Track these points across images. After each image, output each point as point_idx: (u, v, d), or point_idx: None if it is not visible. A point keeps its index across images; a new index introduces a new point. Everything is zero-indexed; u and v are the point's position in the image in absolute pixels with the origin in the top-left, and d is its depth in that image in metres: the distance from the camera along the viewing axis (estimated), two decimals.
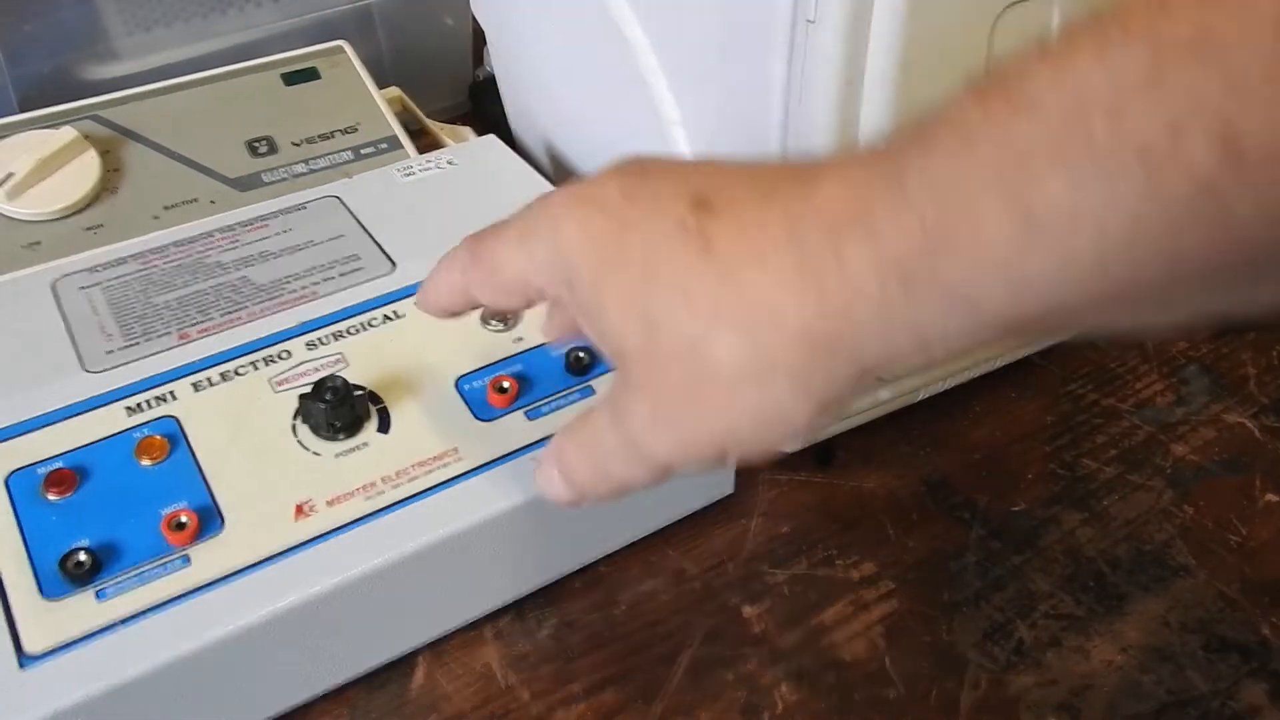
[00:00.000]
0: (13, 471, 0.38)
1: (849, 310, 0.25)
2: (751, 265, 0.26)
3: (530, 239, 0.30)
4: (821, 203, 0.26)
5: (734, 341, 0.26)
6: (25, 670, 0.33)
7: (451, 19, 0.66)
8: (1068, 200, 0.22)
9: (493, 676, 0.40)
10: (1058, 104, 0.22)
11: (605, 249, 0.28)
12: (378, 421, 0.40)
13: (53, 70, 0.56)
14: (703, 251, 0.27)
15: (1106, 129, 0.21)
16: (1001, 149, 0.22)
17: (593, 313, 0.29)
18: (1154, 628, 0.42)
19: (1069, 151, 0.21)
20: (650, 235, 0.27)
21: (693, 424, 0.28)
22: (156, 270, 0.46)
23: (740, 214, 0.27)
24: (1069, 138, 0.21)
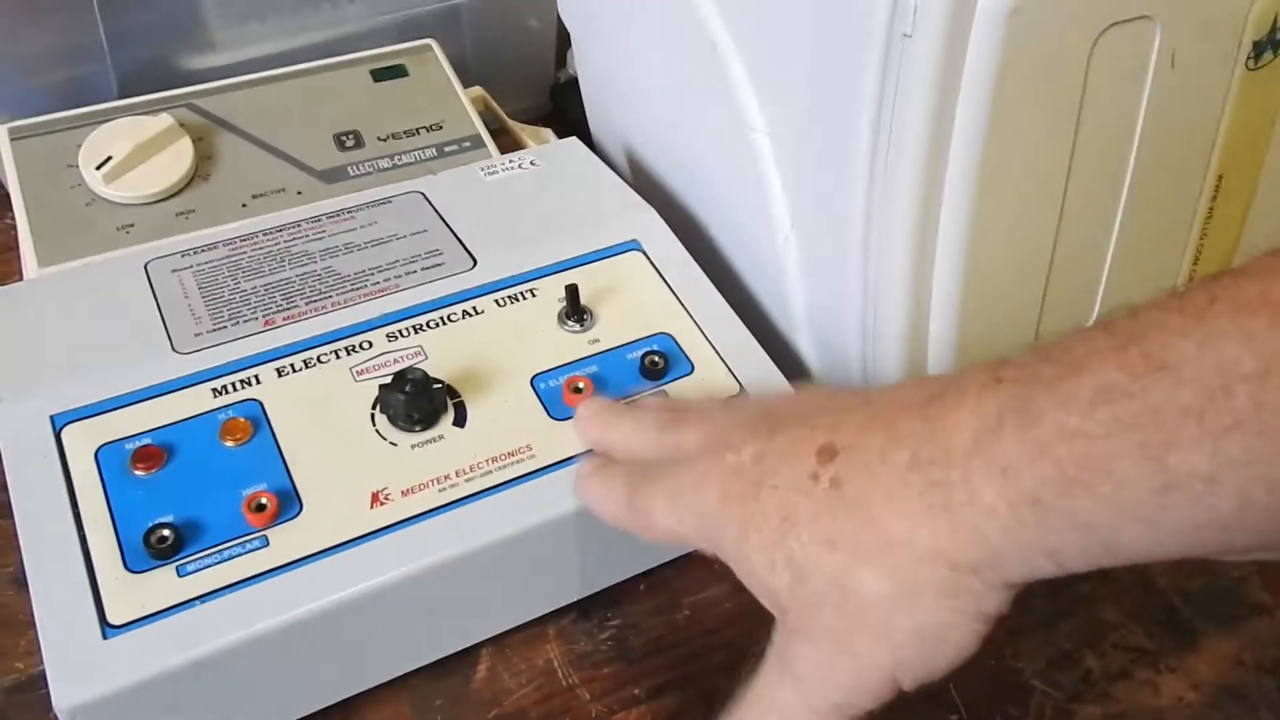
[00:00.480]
0: (102, 445, 0.39)
1: (980, 532, 0.26)
2: (881, 502, 0.27)
3: (679, 502, 0.32)
4: (947, 440, 0.27)
5: (875, 572, 0.27)
6: (109, 640, 0.34)
7: (536, 20, 0.67)
8: (1206, 465, 0.22)
9: (554, 674, 0.40)
10: (1200, 371, 0.23)
11: (745, 510, 0.30)
12: (454, 415, 0.41)
13: (152, 59, 0.58)
14: (833, 496, 0.28)
15: (1251, 404, 0.22)
16: (1140, 407, 0.23)
17: (741, 568, 0.31)
18: (1227, 666, 0.41)
19: (1210, 419, 0.22)
20: (784, 489, 0.29)
21: (855, 659, 0.28)
22: (245, 257, 0.47)
23: (865, 456, 0.28)
24: (1211, 406, 0.22)
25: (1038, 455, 0.25)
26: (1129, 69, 0.36)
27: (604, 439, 0.38)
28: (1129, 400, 0.24)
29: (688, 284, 0.46)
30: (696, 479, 0.31)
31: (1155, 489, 0.23)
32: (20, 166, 0.52)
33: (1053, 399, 0.25)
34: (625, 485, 0.34)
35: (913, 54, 0.34)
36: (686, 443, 0.34)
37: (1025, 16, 0.33)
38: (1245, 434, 0.22)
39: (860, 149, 0.37)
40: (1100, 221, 0.40)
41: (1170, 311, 0.24)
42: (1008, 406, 0.26)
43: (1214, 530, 0.23)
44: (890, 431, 0.28)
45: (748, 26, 0.43)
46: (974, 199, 0.36)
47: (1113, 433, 0.24)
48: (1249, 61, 0.38)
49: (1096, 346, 0.25)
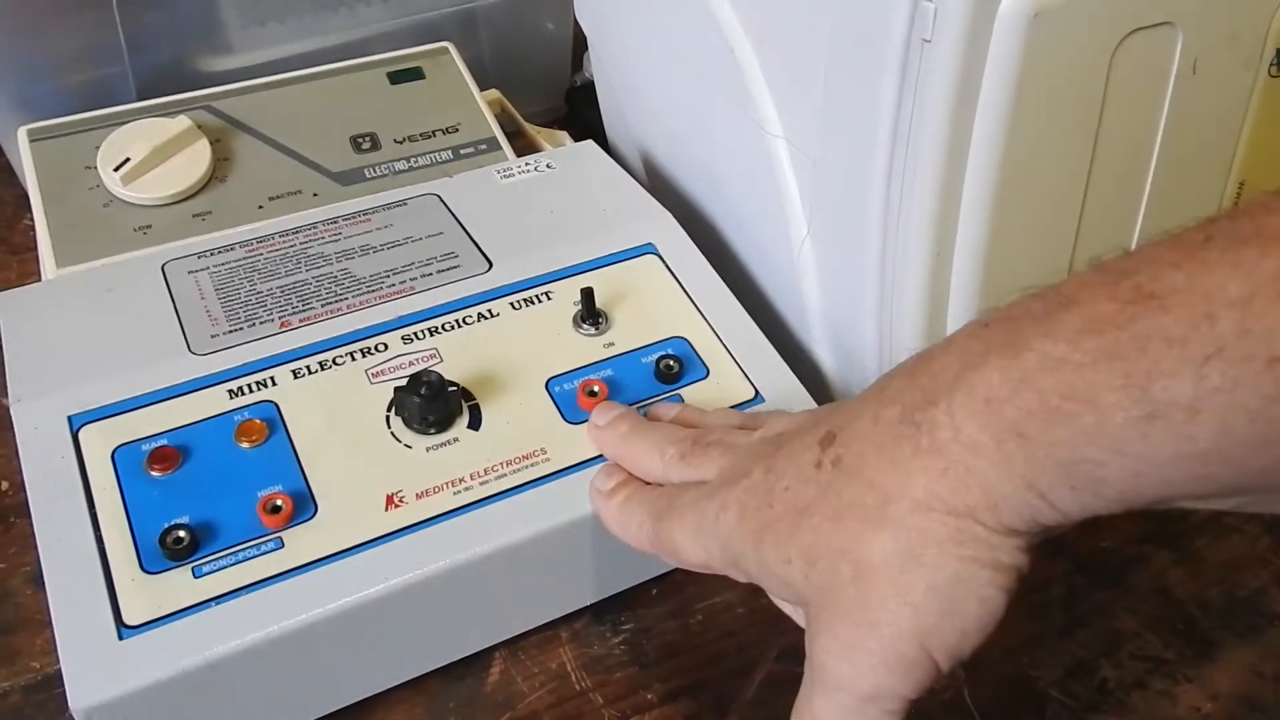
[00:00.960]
0: (119, 446, 0.39)
1: (971, 470, 0.25)
2: (873, 462, 0.27)
3: (704, 533, 0.32)
4: (932, 382, 0.27)
5: (879, 533, 0.27)
6: (124, 641, 0.34)
7: (553, 24, 0.67)
8: (1188, 393, 0.22)
9: (567, 678, 0.40)
10: (1187, 299, 0.22)
11: (760, 519, 0.30)
12: (469, 418, 0.41)
13: (170, 61, 0.58)
14: (836, 474, 0.28)
15: (1234, 330, 0.22)
16: (1125, 336, 0.23)
17: (763, 576, 0.30)
18: (1245, 677, 0.41)
19: (1193, 346, 0.22)
20: (794, 488, 0.29)
21: (880, 632, 0.27)
22: (261, 258, 0.47)
23: (860, 425, 0.28)
24: (1194, 333, 0.22)
25: (1020, 384, 0.24)
26: (1150, 75, 0.36)
27: (620, 455, 0.38)
28: (1116, 330, 0.23)
29: (703, 288, 0.46)
30: (716, 509, 0.31)
31: (1137, 418, 0.23)
32: (39, 168, 0.52)
33: (1039, 330, 0.25)
34: (651, 515, 0.34)
35: (932, 59, 0.34)
36: (708, 474, 0.34)
37: (1046, 22, 0.32)
38: (1227, 360, 0.22)
39: (878, 154, 0.37)
40: (1120, 227, 0.39)
41: (1164, 247, 0.24)
42: (994, 340, 0.26)
43: (1195, 463, 0.23)
44: (880, 395, 0.28)
45: (766, 31, 0.43)
46: (993, 205, 0.36)
47: (1098, 361, 0.23)
48: (1271, 69, 0.38)
49: (1087, 281, 0.25)
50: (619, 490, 0.36)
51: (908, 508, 0.26)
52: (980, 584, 0.26)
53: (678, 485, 0.35)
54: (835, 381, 0.46)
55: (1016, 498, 0.25)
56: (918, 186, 0.36)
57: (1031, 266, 0.39)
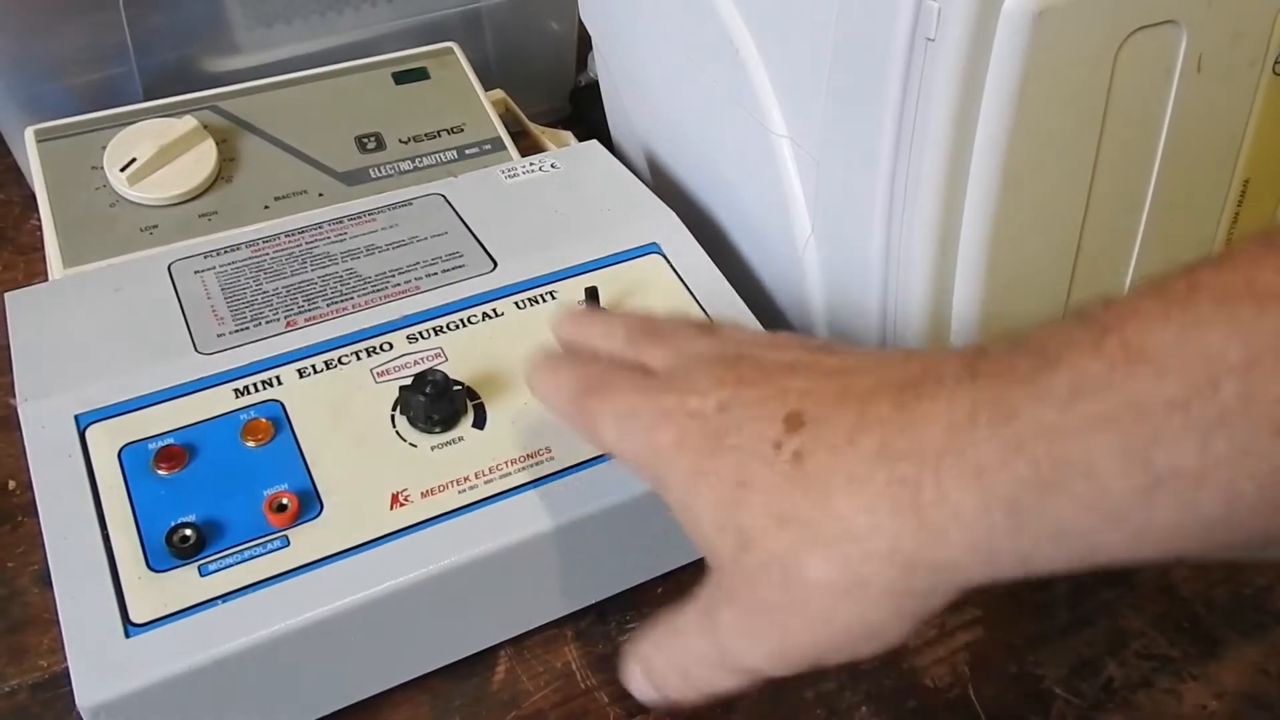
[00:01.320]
0: (125, 445, 0.39)
1: (945, 534, 0.25)
2: (842, 487, 0.26)
3: (630, 426, 0.31)
4: (919, 430, 0.25)
5: (825, 562, 0.26)
6: (131, 639, 0.34)
7: (557, 24, 0.67)
8: (1193, 462, 0.21)
9: (573, 676, 0.40)
10: (1184, 363, 0.21)
11: (699, 461, 0.29)
12: (474, 417, 0.41)
13: (176, 61, 0.58)
14: (794, 470, 0.27)
15: (1238, 395, 0.21)
16: (1120, 401, 0.22)
17: (684, 515, 0.29)
18: (1251, 675, 0.41)
19: (1196, 413, 0.21)
20: (743, 451, 0.28)
21: (785, 637, 0.27)
22: (267, 258, 0.47)
23: (833, 435, 0.27)
24: (1197, 399, 0.21)
25: (1013, 454, 0.23)
26: (1154, 74, 0.36)
27: (571, 337, 0.36)
28: (1108, 393, 0.22)
29: (708, 287, 0.46)
30: (653, 413, 0.30)
31: (1139, 488, 0.22)
32: (46, 168, 0.52)
33: (1028, 393, 0.24)
34: (578, 382, 0.33)
35: (936, 58, 0.34)
36: (653, 360, 0.32)
37: (1050, 21, 0.32)
38: (1234, 428, 0.21)
39: (882, 153, 0.37)
40: (1125, 226, 0.39)
41: (1148, 298, 0.23)
42: (982, 400, 0.25)
43: (1199, 530, 0.22)
44: (862, 412, 0.27)
45: (770, 30, 0.43)
46: (997, 204, 0.36)
47: (1092, 429, 0.22)
48: (1276, 67, 0.38)
49: (1072, 337, 0.24)
50: (553, 359, 0.35)
51: (866, 551, 0.26)
52: (895, 632, 0.27)
53: (615, 364, 0.33)
54: None
55: (986, 563, 0.25)
56: (922, 185, 0.36)
57: (1036, 266, 0.39)
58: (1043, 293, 0.40)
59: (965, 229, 0.37)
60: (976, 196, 0.36)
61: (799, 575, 0.27)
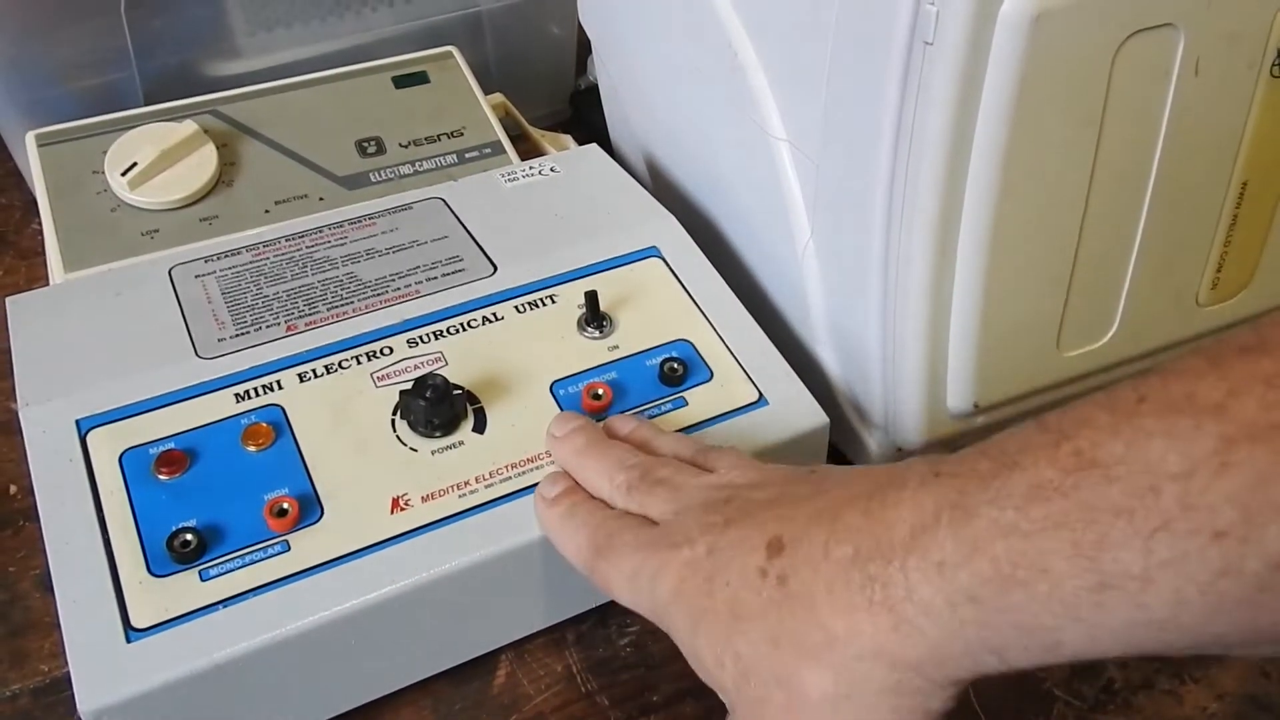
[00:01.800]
0: (126, 450, 0.39)
1: (920, 629, 0.26)
2: (824, 598, 0.28)
3: (636, 584, 0.32)
4: (887, 534, 0.27)
5: (818, 671, 0.27)
6: (132, 644, 0.34)
7: (557, 28, 0.67)
8: (1139, 565, 0.23)
9: (573, 680, 0.40)
10: (1128, 470, 0.23)
11: (696, 602, 0.30)
12: (474, 421, 0.41)
13: (177, 65, 0.58)
14: (780, 593, 0.29)
15: (1178, 504, 0.22)
16: (1072, 505, 0.24)
17: (692, 659, 0.31)
18: (1252, 676, 0.41)
19: (1140, 518, 0.22)
20: (733, 583, 0.30)
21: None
22: (267, 262, 0.47)
23: (810, 551, 0.29)
24: (1140, 505, 0.22)
25: (973, 552, 0.25)
26: (1152, 77, 0.36)
27: (572, 469, 0.38)
28: (1061, 498, 0.24)
29: (707, 291, 0.47)
30: (654, 568, 0.32)
31: (1090, 587, 0.23)
32: (47, 172, 0.52)
33: (987, 494, 0.25)
34: (590, 545, 0.34)
35: (934, 62, 0.34)
36: (653, 511, 0.34)
37: (1048, 24, 0.33)
38: (1174, 534, 0.22)
39: (881, 157, 0.37)
40: (1122, 229, 0.40)
41: (1100, 409, 0.24)
42: (944, 502, 0.26)
43: (1151, 629, 0.23)
44: (834, 525, 0.29)
45: (769, 34, 0.43)
46: (995, 207, 0.36)
47: (1046, 529, 0.24)
48: (1273, 70, 0.38)
49: (1031, 443, 0.25)
50: (562, 500, 0.37)
51: (853, 654, 0.27)
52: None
53: (619, 518, 0.35)
54: (839, 384, 0.46)
55: (965, 656, 0.26)
56: (921, 189, 0.36)
57: (1035, 269, 0.39)
58: (1041, 296, 0.40)
59: (964, 232, 0.37)
60: (975, 200, 0.36)
61: (800, 692, 0.28)
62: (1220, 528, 0.22)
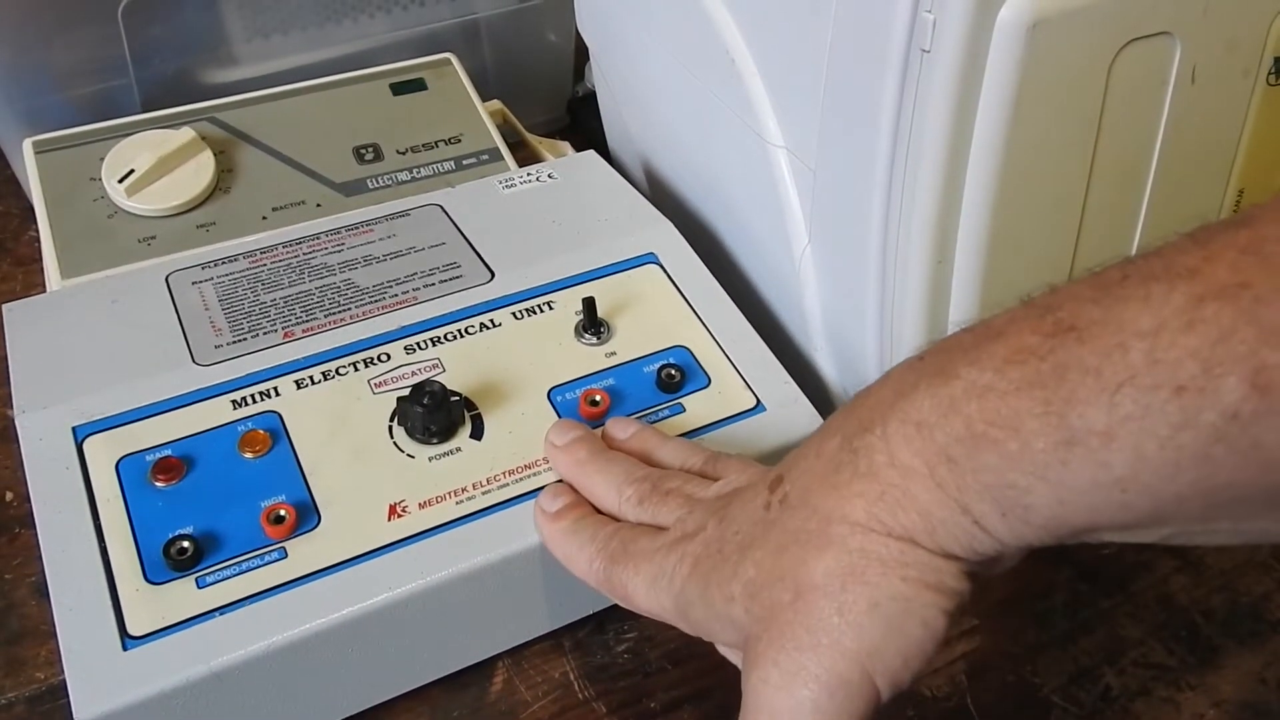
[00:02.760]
0: (123, 457, 0.39)
1: (908, 494, 0.26)
2: (818, 489, 0.28)
3: (658, 586, 0.32)
4: (868, 406, 0.28)
5: (820, 556, 0.27)
6: (128, 651, 0.34)
7: (555, 35, 0.68)
8: (1103, 420, 0.23)
9: (570, 687, 0.40)
10: (1102, 332, 0.24)
11: (706, 567, 0.30)
12: (471, 427, 0.41)
13: (175, 73, 0.58)
14: (782, 510, 0.29)
15: (1144, 360, 0.23)
16: (1046, 366, 0.24)
17: (708, 621, 0.30)
18: (1249, 684, 0.41)
19: (1107, 375, 0.23)
20: (742, 528, 0.30)
21: (821, 655, 0.27)
22: (265, 269, 0.47)
23: (804, 461, 0.29)
24: (1108, 362, 0.23)
25: (950, 411, 0.25)
26: (1149, 84, 0.36)
27: (576, 481, 0.37)
28: (1038, 360, 0.24)
29: (705, 297, 0.47)
30: (674, 564, 0.32)
31: (1056, 444, 0.24)
32: (44, 179, 0.52)
33: (967, 360, 0.26)
34: (604, 556, 0.34)
35: (931, 69, 0.34)
36: (664, 521, 0.34)
37: (1044, 32, 0.33)
38: (1138, 388, 0.23)
39: (878, 164, 0.37)
40: (1120, 236, 0.40)
41: (1085, 284, 0.25)
42: (925, 371, 0.27)
43: (1113, 490, 0.23)
44: (822, 431, 0.29)
45: (767, 41, 0.43)
46: (992, 214, 0.36)
47: (1020, 389, 0.24)
48: (1270, 77, 0.38)
49: (1015, 316, 0.26)
50: (566, 513, 0.36)
51: (849, 529, 0.27)
52: (923, 605, 0.26)
53: (631, 528, 0.34)
54: (837, 390, 0.46)
55: (952, 522, 0.26)
56: (918, 196, 0.36)
57: (1031, 275, 0.39)
58: None
59: (961, 239, 0.37)
60: (972, 206, 0.36)
61: (804, 582, 0.27)
62: (1181, 382, 0.22)
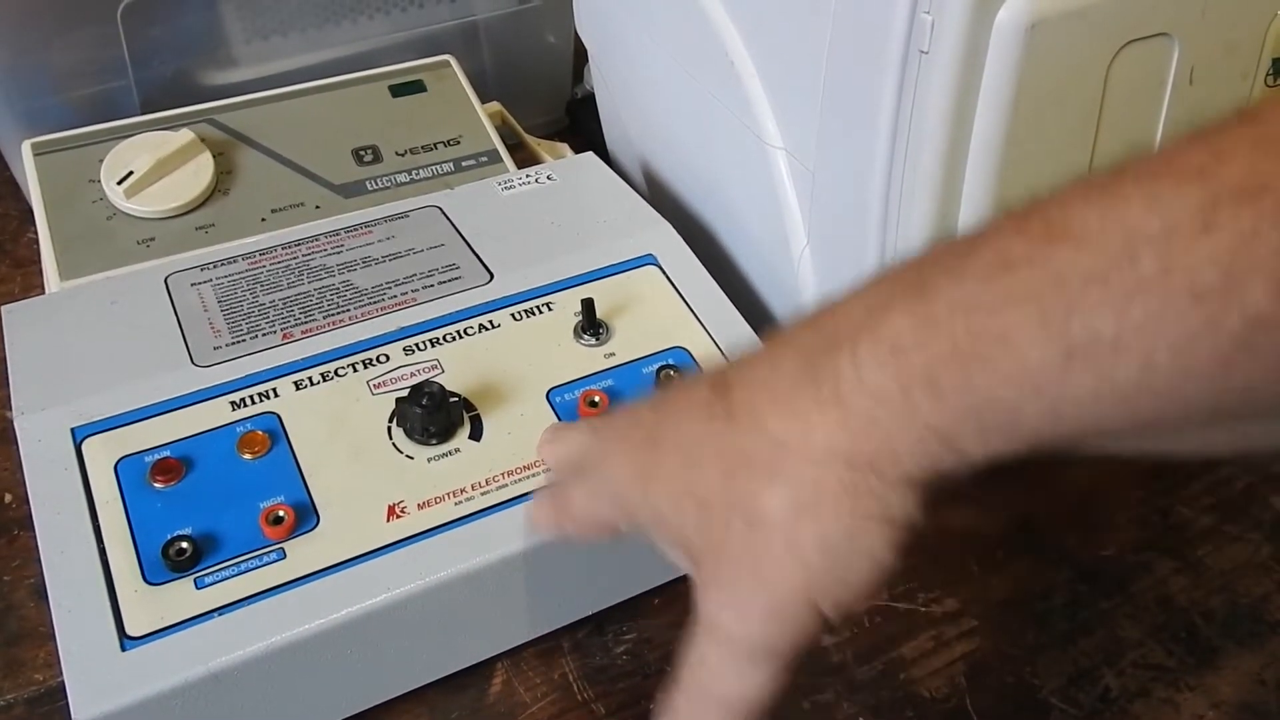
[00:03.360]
0: (122, 458, 0.39)
1: (873, 419, 0.24)
2: (769, 409, 0.26)
3: (592, 481, 0.31)
4: (834, 324, 0.26)
5: (771, 484, 0.26)
6: (127, 652, 0.34)
7: (554, 37, 0.68)
8: (1111, 329, 0.22)
9: (569, 688, 0.40)
10: (1103, 237, 0.22)
11: (645, 461, 0.29)
12: (470, 428, 0.41)
13: (174, 74, 0.58)
14: (726, 420, 0.27)
15: (1157, 267, 0.21)
16: (1040, 275, 0.22)
17: (653, 523, 0.29)
18: (1248, 684, 0.41)
19: (1115, 283, 0.21)
20: (681, 428, 0.28)
21: (769, 586, 0.26)
22: (264, 271, 0.47)
23: (754, 371, 0.27)
24: (1115, 270, 0.21)
25: (929, 330, 0.24)
26: (1147, 85, 0.36)
27: (556, 457, 0.37)
28: (1029, 268, 0.23)
29: (703, 298, 0.47)
30: (601, 454, 0.30)
31: (1056, 357, 0.22)
32: (43, 181, 0.52)
33: (946, 274, 0.24)
34: (556, 487, 0.33)
35: (930, 70, 0.34)
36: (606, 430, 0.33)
37: (1043, 33, 0.33)
38: (1151, 296, 0.21)
39: (877, 165, 0.37)
40: None
41: (1074, 186, 0.23)
42: (898, 286, 0.25)
43: (1115, 399, 0.22)
44: (779, 345, 0.27)
45: (765, 43, 0.43)
46: (990, 215, 0.36)
47: (1010, 303, 0.23)
48: (1268, 78, 0.38)
49: (996, 225, 0.24)
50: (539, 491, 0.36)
51: (802, 459, 0.25)
52: (871, 539, 0.25)
53: None
54: None
55: (919, 447, 0.24)
56: (916, 196, 0.37)
57: None
58: None
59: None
60: (970, 207, 0.36)
61: (756, 512, 0.26)
62: (1200, 289, 0.21)
